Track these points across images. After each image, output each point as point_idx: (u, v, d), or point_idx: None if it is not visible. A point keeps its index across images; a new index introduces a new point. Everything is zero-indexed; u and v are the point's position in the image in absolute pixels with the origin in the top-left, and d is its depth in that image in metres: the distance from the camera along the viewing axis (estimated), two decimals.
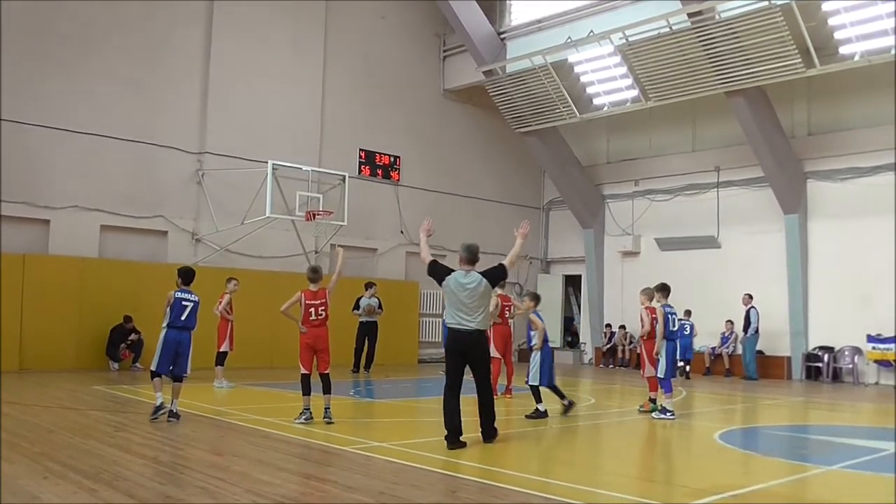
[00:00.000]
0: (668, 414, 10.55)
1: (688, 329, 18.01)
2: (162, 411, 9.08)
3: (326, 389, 9.46)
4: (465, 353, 8.05)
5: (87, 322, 15.95)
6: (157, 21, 17.74)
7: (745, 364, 18.84)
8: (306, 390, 9.42)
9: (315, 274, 9.74)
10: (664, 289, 11.00)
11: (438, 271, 8.24)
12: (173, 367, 9.28)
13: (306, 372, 9.49)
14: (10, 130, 15.66)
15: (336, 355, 10.18)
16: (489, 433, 8.17)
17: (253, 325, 16.50)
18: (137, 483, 5.93)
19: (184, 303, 9.28)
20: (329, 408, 9.32)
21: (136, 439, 7.98)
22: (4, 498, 5.39)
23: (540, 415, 10.17)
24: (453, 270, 8.23)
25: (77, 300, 15.92)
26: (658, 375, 10.77)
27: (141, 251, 17.16)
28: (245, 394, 12.51)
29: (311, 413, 9.24)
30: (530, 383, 10.39)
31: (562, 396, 10.60)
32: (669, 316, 10.79)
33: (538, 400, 10.30)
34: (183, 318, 9.26)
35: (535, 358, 10.46)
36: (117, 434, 8.23)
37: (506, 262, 8.40)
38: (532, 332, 10.60)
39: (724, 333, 20.00)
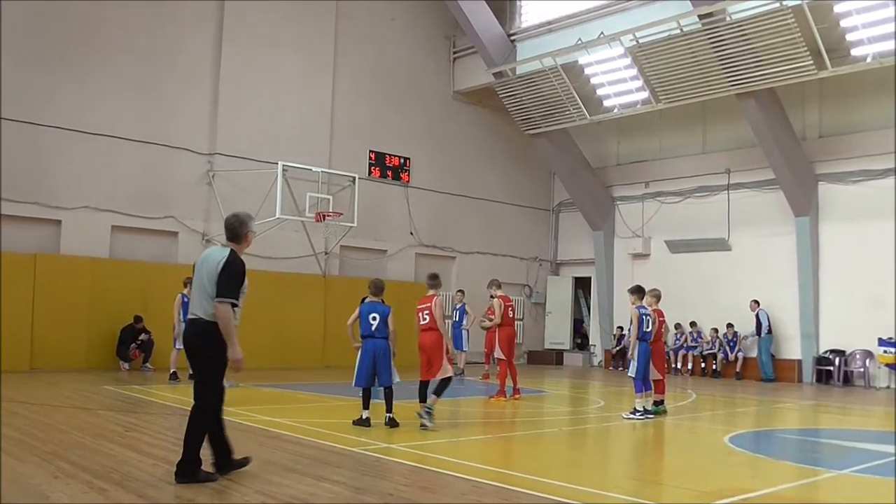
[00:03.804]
0: (638, 414, 10.61)
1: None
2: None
3: (437, 390, 9.18)
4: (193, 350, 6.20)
5: (98, 322, 16.04)
6: (168, 23, 17.83)
7: (762, 365, 18.86)
8: (423, 397, 9.22)
9: (434, 280, 9.59)
10: (638, 290, 11.07)
11: None
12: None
13: (423, 379, 9.29)
14: (22, 131, 15.77)
15: (340, 358, 10.03)
16: (221, 461, 6.21)
17: (262, 326, 16.53)
18: (147, 483, 5.95)
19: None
20: (430, 411, 9.01)
21: (146, 439, 8.01)
22: (16, 497, 5.42)
23: (362, 422, 9.00)
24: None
25: (88, 300, 16.02)
26: (630, 374, 10.87)
27: (151, 252, 17.23)
28: (255, 394, 12.53)
29: (430, 416, 8.96)
30: (356, 385, 9.18)
31: (366, 407, 9.15)
32: (644, 318, 10.83)
33: (366, 406, 9.12)
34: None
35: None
36: (128, 434, 8.26)
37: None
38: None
39: (729, 337, 19.96)
